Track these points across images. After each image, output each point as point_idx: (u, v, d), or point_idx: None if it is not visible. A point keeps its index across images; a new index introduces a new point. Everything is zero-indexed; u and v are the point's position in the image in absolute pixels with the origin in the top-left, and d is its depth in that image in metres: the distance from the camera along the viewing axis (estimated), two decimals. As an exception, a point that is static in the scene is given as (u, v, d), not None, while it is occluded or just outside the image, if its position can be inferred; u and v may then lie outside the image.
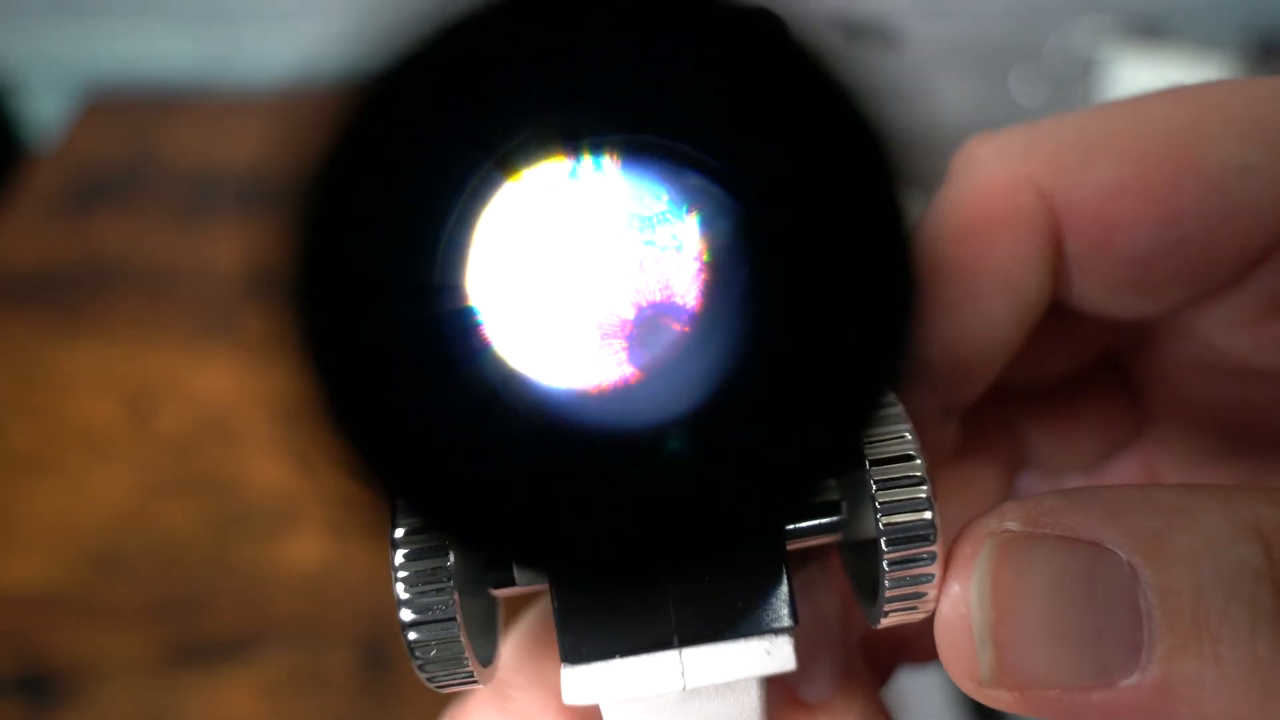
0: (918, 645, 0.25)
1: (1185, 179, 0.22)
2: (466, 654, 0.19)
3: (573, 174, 0.15)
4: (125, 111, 0.95)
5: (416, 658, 0.19)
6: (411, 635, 0.18)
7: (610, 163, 0.15)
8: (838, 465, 0.16)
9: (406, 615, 0.18)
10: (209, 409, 0.71)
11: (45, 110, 1.03)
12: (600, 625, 0.19)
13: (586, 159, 0.15)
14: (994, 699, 0.19)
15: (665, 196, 0.16)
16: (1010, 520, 0.19)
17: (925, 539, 0.19)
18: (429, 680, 0.19)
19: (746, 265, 0.15)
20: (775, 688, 0.22)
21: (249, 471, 0.67)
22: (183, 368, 0.73)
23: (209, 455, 0.68)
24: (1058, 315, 0.24)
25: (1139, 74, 0.79)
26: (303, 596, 0.61)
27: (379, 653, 0.58)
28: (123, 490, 0.66)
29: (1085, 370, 0.28)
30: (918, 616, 0.20)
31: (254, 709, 0.57)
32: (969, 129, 0.25)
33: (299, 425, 0.13)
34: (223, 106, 0.95)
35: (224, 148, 0.91)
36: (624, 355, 0.17)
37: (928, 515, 0.19)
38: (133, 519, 0.65)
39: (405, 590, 0.18)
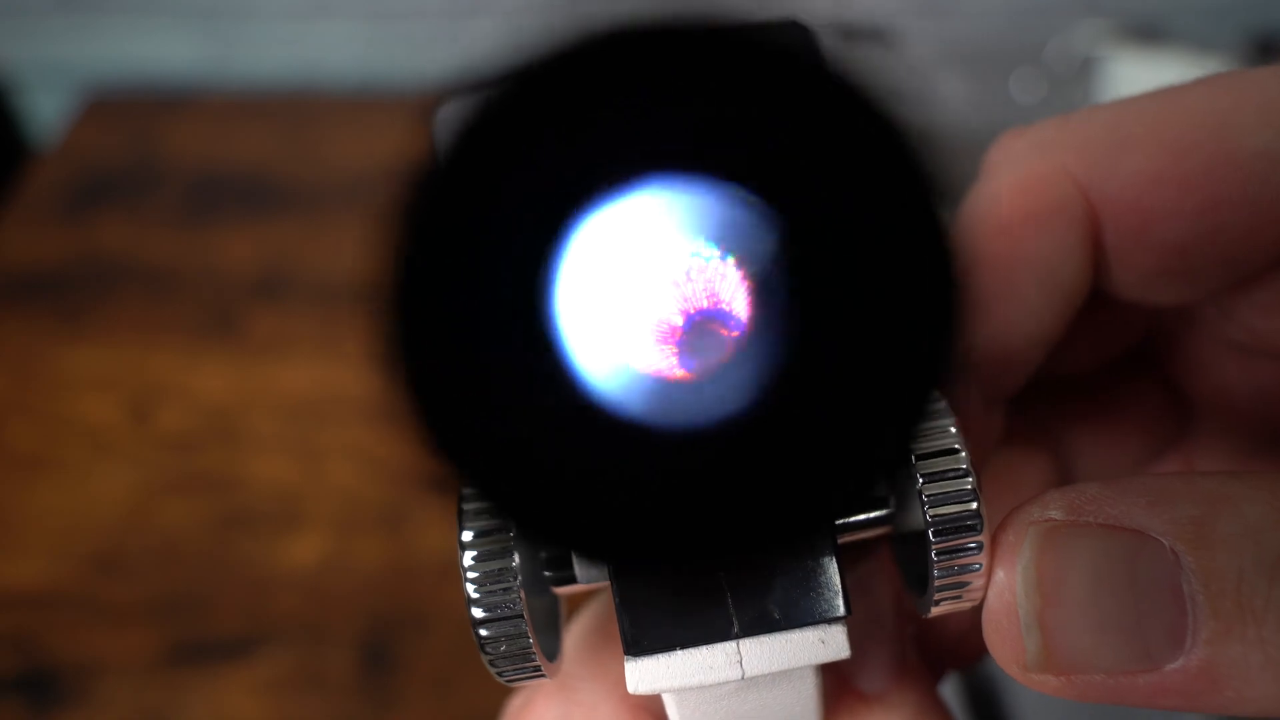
0: (968, 642, 0.26)
1: (1221, 168, 0.22)
2: (533, 649, 0.20)
3: (627, 201, 0.16)
4: (126, 111, 0.95)
5: (487, 653, 0.20)
6: (482, 632, 0.20)
7: (661, 190, 0.16)
8: (885, 465, 0.16)
9: (477, 613, 0.19)
10: (209, 409, 0.71)
11: (46, 109, 1.03)
12: (661, 619, 0.20)
13: (643, 189, 0.16)
14: (1040, 684, 0.19)
15: (713, 214, 0.17)
16: (1053, 509, 0.19)
17: (972, 529, 0.19)
18: (499, 675, 0.20)
19: (792, 275, 0.15)
20: (834, 680, 0.23)
21: (249, 471, 0.67)
22: (183, 368, 0.73)
23: (209, 455, 0.68)
24: (1097, 304, 0.24)
25: (1138, 75, 0.79)
26: (303, 596, 0.61)
27: (379, 653, 0.58)
28: (123, 490, 0.67)
29: (1126, 368, 0.28)
30: (966, 605, 0.20)
31: (255, 708, 0.57)
32: (969, 130, 0.25)
33: (388, 411, 0.15)
34: (224, 106, 0.95)
35: (225, 147, 0.91)
36: (675, 360, 0.18)
37: (973, 506, 0.19)
38: (133, 519, 0.65)
39: (475, 590, 0.19)
